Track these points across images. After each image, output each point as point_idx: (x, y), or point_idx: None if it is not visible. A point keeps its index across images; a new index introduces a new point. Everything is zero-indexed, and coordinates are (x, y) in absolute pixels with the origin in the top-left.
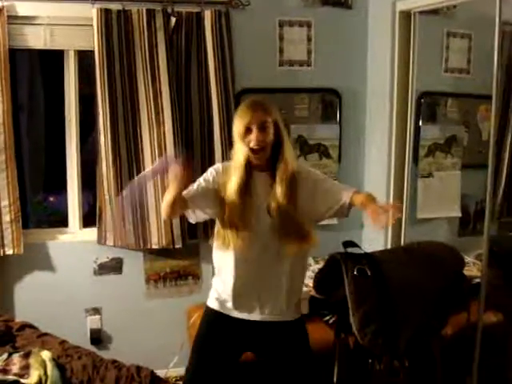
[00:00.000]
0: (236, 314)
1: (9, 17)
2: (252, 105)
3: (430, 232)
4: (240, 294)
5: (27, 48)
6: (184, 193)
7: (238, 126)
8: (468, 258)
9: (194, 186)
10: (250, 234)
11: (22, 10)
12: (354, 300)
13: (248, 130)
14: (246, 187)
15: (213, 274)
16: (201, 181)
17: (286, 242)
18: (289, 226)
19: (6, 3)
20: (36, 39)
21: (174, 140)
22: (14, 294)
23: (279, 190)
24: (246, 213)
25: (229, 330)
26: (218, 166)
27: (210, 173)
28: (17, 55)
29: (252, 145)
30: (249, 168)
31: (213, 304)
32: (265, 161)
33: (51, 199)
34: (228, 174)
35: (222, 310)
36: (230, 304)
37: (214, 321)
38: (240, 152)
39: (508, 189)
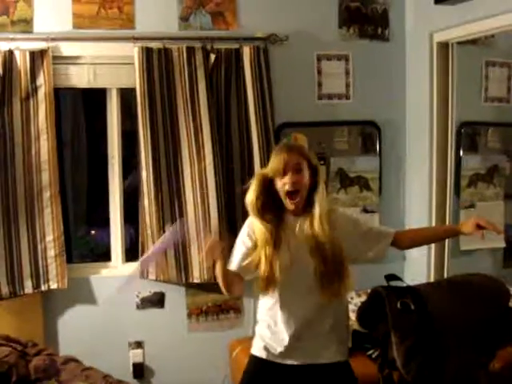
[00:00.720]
0: (284, 361)
1: (54, 57)
2: (286, 148)
3: (473, 264)
4: (289, 340)
5: (71, 87)
6: (232, 269)
7: (271, 169)
8: None
9: (239, 256)
10: (291, 276)
11: (66, 50)
12: (398, 335)
13: (283, 174)
14: (277, 226)
15: (254, 319)
16: (240, 246)
17: (328, 283)
18: (329, 264)
19: (51, 44)
20: (80, 78)
21: (215, 175)
22: (58, 327)
23: (318, 229)
24: (284, 254)
25: (277, 377)
26: (251, 220)
27: (246, 232)
28: (60, 94)
29: (287, 188)
30: (281, 212)
31: (258, 352)
32: (300, 206)
33: (94, 234)
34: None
35: (268, 358)
36: (278, 351)
37: (260, 369)
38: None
39: None
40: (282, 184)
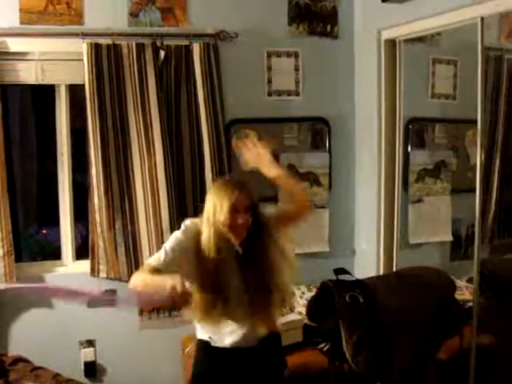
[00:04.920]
0: (229, 345)
1: (0, 53)
2: (239, 186)
3: (421, 257)
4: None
5: (19, 83)
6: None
7: (223, 205)
8: (460, 282)
9: (162, 258)
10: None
11: (14, 46)
12: (347, 327)
13: (234, 211)
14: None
15: None
16: (168, 251)
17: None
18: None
19: None
20: (28, 74)
21: (165, 171)
22: (7, 327)
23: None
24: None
25: (225, 359)
26: (187, 225)
27: (176, 239)
28: (8, 90)
29: (238, 225)
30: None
31: (205, 337)
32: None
33: (44, 232)
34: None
35: (215, 344)
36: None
37: (210, 353)
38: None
39: (498, 212)
40: (230, 221)
